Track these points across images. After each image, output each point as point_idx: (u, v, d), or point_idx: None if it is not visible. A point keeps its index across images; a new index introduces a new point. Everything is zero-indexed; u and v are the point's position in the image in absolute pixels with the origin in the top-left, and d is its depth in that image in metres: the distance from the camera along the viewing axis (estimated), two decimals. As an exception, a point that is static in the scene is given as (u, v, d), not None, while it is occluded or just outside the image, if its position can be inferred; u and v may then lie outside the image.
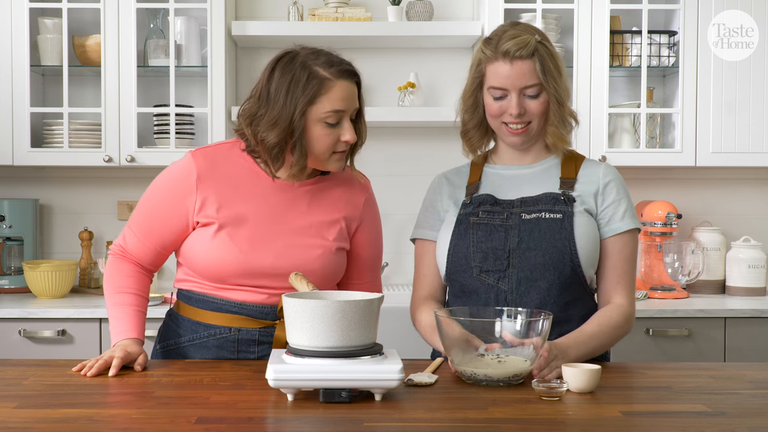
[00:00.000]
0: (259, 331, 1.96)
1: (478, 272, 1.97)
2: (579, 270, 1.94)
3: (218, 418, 1.46)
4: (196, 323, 1.99)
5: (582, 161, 2.07)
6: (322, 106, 1.87)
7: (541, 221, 1.96)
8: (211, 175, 1.95)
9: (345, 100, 1.89)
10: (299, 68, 1.88)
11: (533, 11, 3.27)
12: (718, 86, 3.24)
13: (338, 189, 2.05)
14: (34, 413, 1.49)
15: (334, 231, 2.00)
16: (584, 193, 2.01)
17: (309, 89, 1.86)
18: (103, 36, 3.20)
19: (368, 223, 2.09)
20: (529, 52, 1.95)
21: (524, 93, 1.97)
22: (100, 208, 3.55)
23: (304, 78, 1.86)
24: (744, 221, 3.59)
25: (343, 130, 1.91)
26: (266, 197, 1.96)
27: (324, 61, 1.90)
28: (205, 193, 1.94)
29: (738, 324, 2.99)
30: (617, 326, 1.95)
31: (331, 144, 1.91)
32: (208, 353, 1.98)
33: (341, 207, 2.03)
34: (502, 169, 2.09)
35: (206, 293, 1.97)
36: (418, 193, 3.57)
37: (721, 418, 1.48)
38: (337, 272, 2.03)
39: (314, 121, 1.88)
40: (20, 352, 2.91)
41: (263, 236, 1.94)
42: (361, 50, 3.55)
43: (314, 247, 1.96)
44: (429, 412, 1.53)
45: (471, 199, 2.04)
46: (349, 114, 1.92)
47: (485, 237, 1.97)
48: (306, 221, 1.97)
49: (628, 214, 2.01)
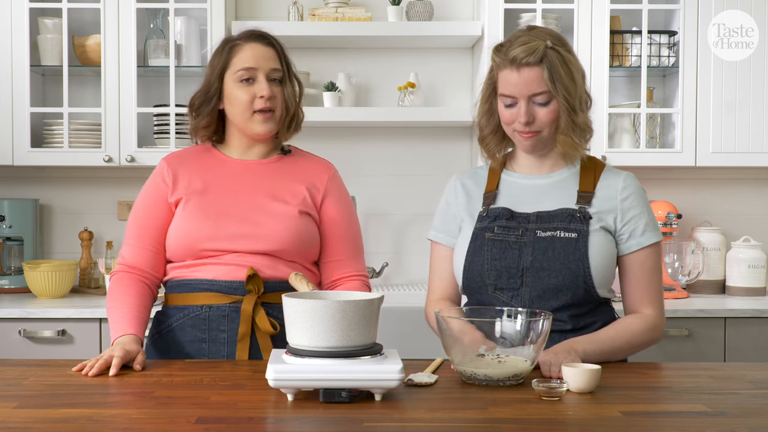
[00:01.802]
0: (228, 306, 2.02)
1: (493, 290, 1.97)
2: (593, 291, 1.94)
3: (218, 418, 1.46)
4: (175, 308, 2.07)
5: (601, 170, 2.04)
6: (235, 66, 2.07)
7: (555, 240, 1.94)
8: (180, 164, 2.14)
9: (255, 59, 2.07)
10: (221, 43, 2.13)
11: (533, 11, 3.27)
12: (718, 86, 3.24)
13: (301, 165, 2.17)
14: (34, 413, 1.49)
15: (297, 198, 2.10)
16: (602, 210, 1.98)
17: (223, 55, 2.10)
18: (103, 36, 3.20)
19: (335, 197, 2.15)
20: (536, 59, 1.91)
21: (533, 101, 1.94)
22: (100, 208, 3.55)
23: (221, 48, 2.12)
24: (744, 221, 3.59)
25: (257, 86, 2.07)
26: (229, 175, 2.12)
27: (243, 33, 2.13)
28: (174, 176, 2.12)
29: (738, 324, 2.99)
30: (637, 333, 1.94)
31: (248, 101, 2.07)
32: (184, 335, 2.04)
33: (304, 179, 2.14)
34: (520, 178, 2.06)
35: (181, 277, 2.06)
36: (417, 193, 3.61)
37: (721, 418, 1.48)
38: (305, 240, 2.07)
39: (231, 83, 2.08)
40: (20, 352, 2.91)
41: (227, 203, 2.07)
42: (361, 50, 3.55)
43: (277, 211, 2.06)
44: (429, 412, 1.52)
45: (487, 211, 2.02)
46: (264, 72, 2.07)
47: (500, 254, 1.96)
48: (268, 190, 2.10)
49: (649, 227, 1.99)
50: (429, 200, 3.56)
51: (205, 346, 2.02)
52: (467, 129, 3.57)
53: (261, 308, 2.01)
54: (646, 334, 1.96)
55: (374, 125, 3.53)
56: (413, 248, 3.59)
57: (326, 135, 3.53)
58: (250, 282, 2.00)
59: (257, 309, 2.01)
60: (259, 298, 2.01)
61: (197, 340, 2.03)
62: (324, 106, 3.38)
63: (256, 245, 2.02)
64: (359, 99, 3.54)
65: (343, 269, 2.14)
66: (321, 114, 3.30)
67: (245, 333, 2.00)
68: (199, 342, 2.03)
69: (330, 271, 2.14)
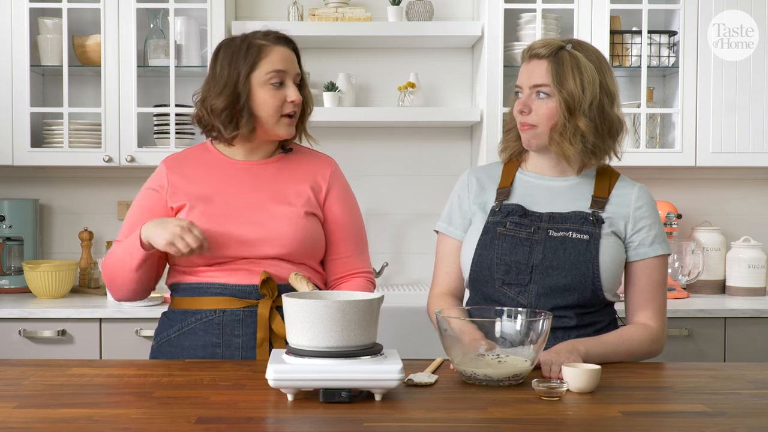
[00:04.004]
0: (242, 311, 2.01)
1: (500, 284, 1.97)
2: (600, 293, 1.95)
3: (218, 418, 1.46)
4: (184, 312, 2.05)
5: (617, 179, 2.05)
6: (264, 69, 2.03)
7: (567, 240, 1.95)
8: (180, 167, 2.12)
9: (284, 62, 2.05)
10: (239, 42, 2.07)
11: (533, 11, 3.27)
12: (718, 86, 3.24)
13: (303, 163, 2.15)
14: (34, 413, 1.49)
15: (302, 198, 2.08)
16: (614, 215, 1.99)
17: (249, 56, 2.03)
18: (103, 36, 3.20)
19: (338, 192, 2.14)
20: (548, 52, 1.95)
21: (536, 94, 1.96)
22: (100, 208, 3.55)
23: (245, 48, 2.05)
24: (744, 221, 3.59)
25: (287, 91, 2.05)
26: (232, 178, 2.10)
27: (260, 34, 2.08)
28: (174, 181, 2.09)
29: (738, 324, 2.99)
30: (638, 342, 1.95)
31: (278, 105, 2.04)
32: (197, 339, 2.02)
33: (307, 178, 2.12)
34: (534, 178, 2.07)
35: (191, 281, 2.04)
36: (417, 193, 3.61)
37: (721, 418, 1.48)
38: (312, 240, 2.06)
39: (259, 85, 2.04)
40: (20, 352, 2.91)
41: (233, 209, 2.05)
42: (361, 50, 3.55)
43: (283, 214, 2.04)
44: (429, 412, 1.52)
45: (500, 206, 2.03)
46: (291, 77, 2.07)
47: (510, 250, 1.97)
48: (272, 193, 2.07)
49: (659, 239, 2.01)
50: (429, 200, 3.56)
51: (219, 351, 2.01)
52: (467, 129, 3.57)
53: (277, 313, 2.00)
54: (648, 346, 1.97)
55: (374, 125, 3.53)
56: (413, 248, 3.59)
57: (326, 135, 3.52)
58: (264, 286, 1.99)
59: (273, 314, 2.00)
60: (273, 302, 2.00)
61: (211, 344, 2.01)
62: (324, 106, 3.38)
63: (266, 250, 2.01)
64: (359, 99, 3.54)
65: (347, 267, 2.13)
66: (321, 114, 3.30)
67: (264, 338, 1.99)
68: (213, 347, 2.01)
69: (335, 268, 2.14)
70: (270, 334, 2.00)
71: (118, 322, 2.93)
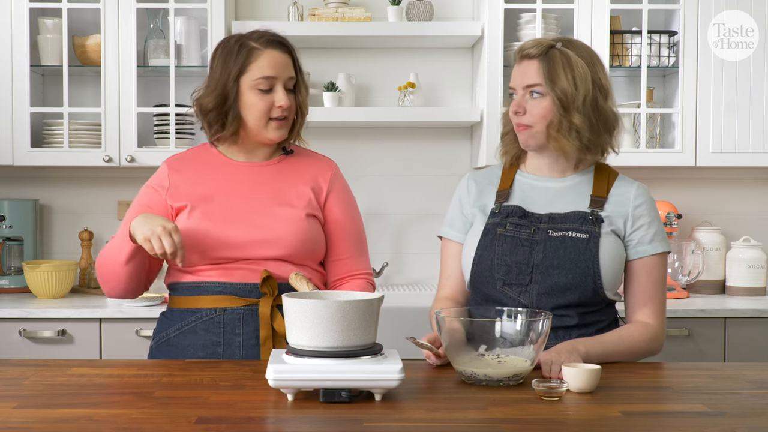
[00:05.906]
0: (243, 309, 2.01)
1: (501, 285, 1.97)
2: (600, 291, 1.95)
3: (218, 418, 1.46)
4: (184, 311, 2.04)
5: (615, 178, 2.06)
6: (253, 74, 2.02)
7: (567, 240, 1.95)
8: (182, 168, 2.12)
9: (274, 67, 2.03)
10: (233, 43, 2.07)
11: (533, 11, 3.27)
12: (718, 86, 3.24)
13: (303, 165, 2.15)
14: (34, 413, 1.49)
15: (303, 200, 2.08)
16: (614, 214, 2.00)
17: (239, 58, 2.03)
18: (103, 36, 3.20)
19: (338, 194, 2.14)
20: (538, 52, 1.96)
21: (529, 94, 1.97)
22: (100, 208, 3.55)
23: (236, 49, 2.05)
24: (744, 221, 3.59)
25: (276, 96, 2.04)
26: (234, 179, 2.09)
27: (256, 35, 2.07)
28: (177, 181, 2.09)
29: (738, 324, 2.99)
30: (638, 341, 1.95)
31: (265, 110, 2.04)
32: (197, 338, 2.01)
33: (308, 179, 2.12)
34: (533, 180, 2.07)
35: (191, 280, 2.04)
36: (417, 193, 3.60)
37: (721, 418, 1.48)
38: (313, 242, 2.07)
39: (247, 89, 2.03)
40: (20, 352, 2.91)
41: (234, 210, 2.04)
42: (361, 50, 3.55)
43: (284, 215, 2.04)
44: (429, 412, 1.52)
45: (500, 208, 2.03)
46: (282, 81, 2.05)
47: (510, 250, 1.97)
48: (274, 194, 2.07)
49: (658, 237, 2.01)
50: (429, 200, 3.56)
51: (219, 350, 2.01)
52: (467, 129, 3.57)
53: (278, 312, 2.00)
54: (648, 344, 1.97)
55: (374, 125, 3.53)
56: (413, 248, 3.59)
57: (326, 135, 3.53)
58: (265, 285, 1.99)
59: (274, 313, 2.00)
60: (274, 301, 2.00)
61: (211, 343, 2.01)
62: (324, 106, 3.38)
63: (266, 251, 2.01)
64: (359, 99, 3.54)
65: (347, 268, 2.14)
66: (321, 114, 3.30)
67: (267, 337, 1.99)
68: (213, 345, 2.01)
69: (335, 270, 2.14)
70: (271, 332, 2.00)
71: (118, 322, 2.93)
